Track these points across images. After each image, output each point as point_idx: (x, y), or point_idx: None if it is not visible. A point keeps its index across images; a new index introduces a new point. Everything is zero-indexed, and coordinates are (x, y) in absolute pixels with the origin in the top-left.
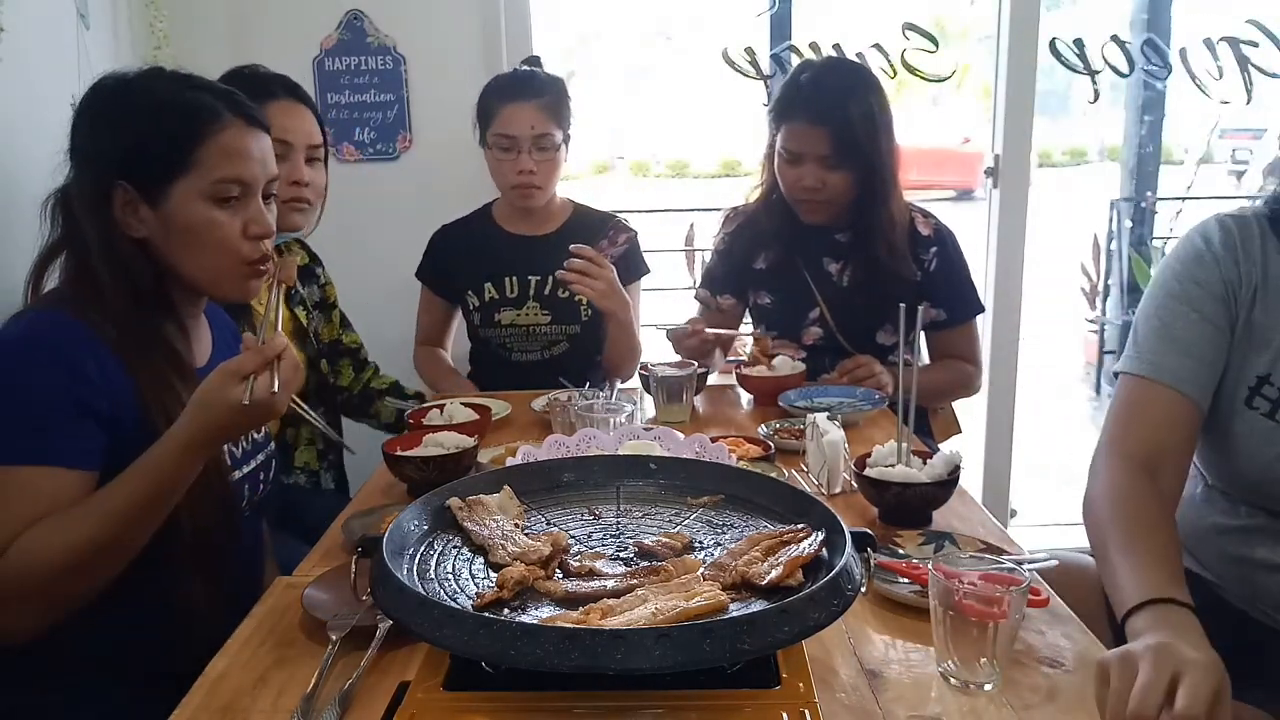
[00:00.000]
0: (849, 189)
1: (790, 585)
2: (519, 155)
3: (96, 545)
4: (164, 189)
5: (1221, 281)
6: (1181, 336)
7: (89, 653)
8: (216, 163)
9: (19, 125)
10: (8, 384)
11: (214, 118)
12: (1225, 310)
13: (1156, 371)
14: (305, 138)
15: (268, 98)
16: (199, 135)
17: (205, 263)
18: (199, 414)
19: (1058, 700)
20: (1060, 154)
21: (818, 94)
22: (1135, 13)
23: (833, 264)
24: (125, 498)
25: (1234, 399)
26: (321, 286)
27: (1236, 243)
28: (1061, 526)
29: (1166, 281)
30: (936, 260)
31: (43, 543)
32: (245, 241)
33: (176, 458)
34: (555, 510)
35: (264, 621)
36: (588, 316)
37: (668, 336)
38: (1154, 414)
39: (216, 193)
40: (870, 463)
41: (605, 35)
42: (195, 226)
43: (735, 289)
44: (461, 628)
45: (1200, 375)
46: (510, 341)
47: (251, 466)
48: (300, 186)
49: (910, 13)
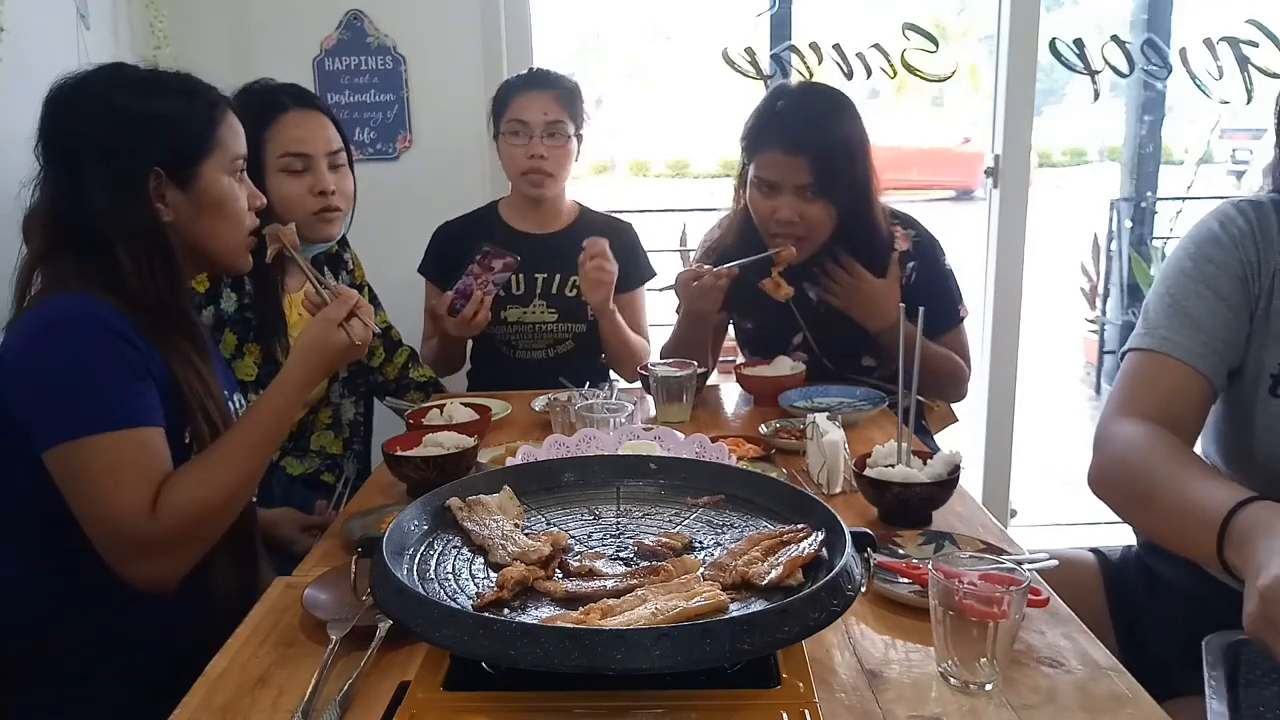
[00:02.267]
0: (827, 220)
1: (790, 585)
2: (530, 140)
3: (234, 486)
4: (195, 169)
5: (1240, 263)
6: (1194, 313)
7: (89, 652)
8: (230, 141)
9: (19, 125)
10: (76, 358)
11: (221, 101)
12: (1243, 291)
13: (1167, 346)
14: (324, 145)
15: (279, 110)
16: (218, 118)
17: (226, 233)
18: (311, 357)
19: (1058, 700)
20: (1060, 154)
21: (794, 121)
22: (1135, 13)
23: (812, 289)
24: (251, 440)
25: (1256, 390)
26: (350, 271)
27: (1255, 228)
28: (1061, 526)
29: (1180, 260)
30: (915, 274)
31: (188, 493)
32: (248, 214)
33: (292, 398)
34: (555, 510)
35: (264, 621)
36: (594, 316)
37: (675, 285)
38: (1164, 386)
39: (234, 168)
40: (870, 463)
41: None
42: (224, 200)
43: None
44: (461, 628)
45: (1213, 351)
46: (515, 339)
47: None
48: (327, 196)
49: (910, 13)
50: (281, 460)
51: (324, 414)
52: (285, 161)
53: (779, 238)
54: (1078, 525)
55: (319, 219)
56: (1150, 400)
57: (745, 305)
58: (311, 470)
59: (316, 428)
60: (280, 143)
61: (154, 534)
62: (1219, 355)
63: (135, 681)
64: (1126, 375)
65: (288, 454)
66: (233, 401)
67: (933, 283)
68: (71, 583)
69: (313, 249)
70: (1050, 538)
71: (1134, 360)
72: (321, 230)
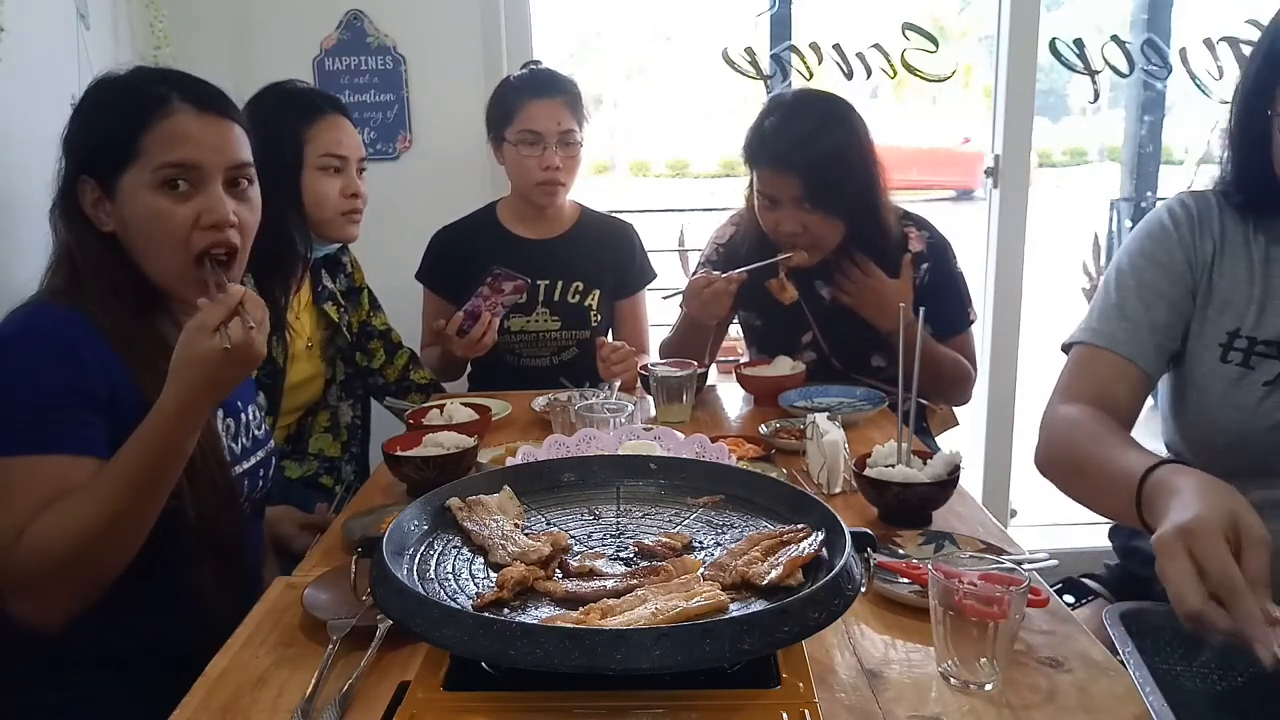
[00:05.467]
0: (831, 228)
1: (790, 585)
2: (545, 151)
3: (103, 523)
4: (116, 180)
5: (1184, 259)
6: (1125, 306)
7: (90, 651)
8: (160, 149)
9: (19, 125)
10: (4, 378)
11: (159, 104)
12: (1182, 278)
13: (1098, 339)
14: (356, 150)
15: (319, 112)
16: (143, 122)
17: (157, 255)
18: (181, 375)
19: (1058, 700)
20: (1060, 154)
21: (781, 138)
22: (1135, 13)
23: (824, 287)
24: (123, 472)
25: (1206, 361)
26: (349, 274)
27: (1195, 217)
28: (1061, 526)
29: (1119, 258)
30: (928, 276)
31: (53, 528)
32: (198, 232)
33: (170, 424)
34: (555, 510)
35: (264, 621)
36: (597, 321)
37: (683, 293)
38: (1098, 374)
39: (162, 180)
40: (870, 463)
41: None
42: (144, 217)
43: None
44: (461, 628)
45: (1142, 340)
46: (519, 348)
47: (251, 463)
48: (356, 199)
49: (910, 13)
50: (280, 463)
51: (322, 416)
52: (325, 160)
53: (787, 245)
54: (1078, 525)
55: (346, 219)
56: (1086, 387)
57: (755, 303)
58: (310, 473)
59: (314, 430)
60: (322, 142)
61: (12, 568)
62: (1150, 342)
63: (135, 682)
64: (1067, 366)
65: (286, 457)
66: (245, 413)
67: (945, 285)
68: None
69: (324, 249)
70: (1050, 538)
71: (1073, 353)
72: (346, 230)
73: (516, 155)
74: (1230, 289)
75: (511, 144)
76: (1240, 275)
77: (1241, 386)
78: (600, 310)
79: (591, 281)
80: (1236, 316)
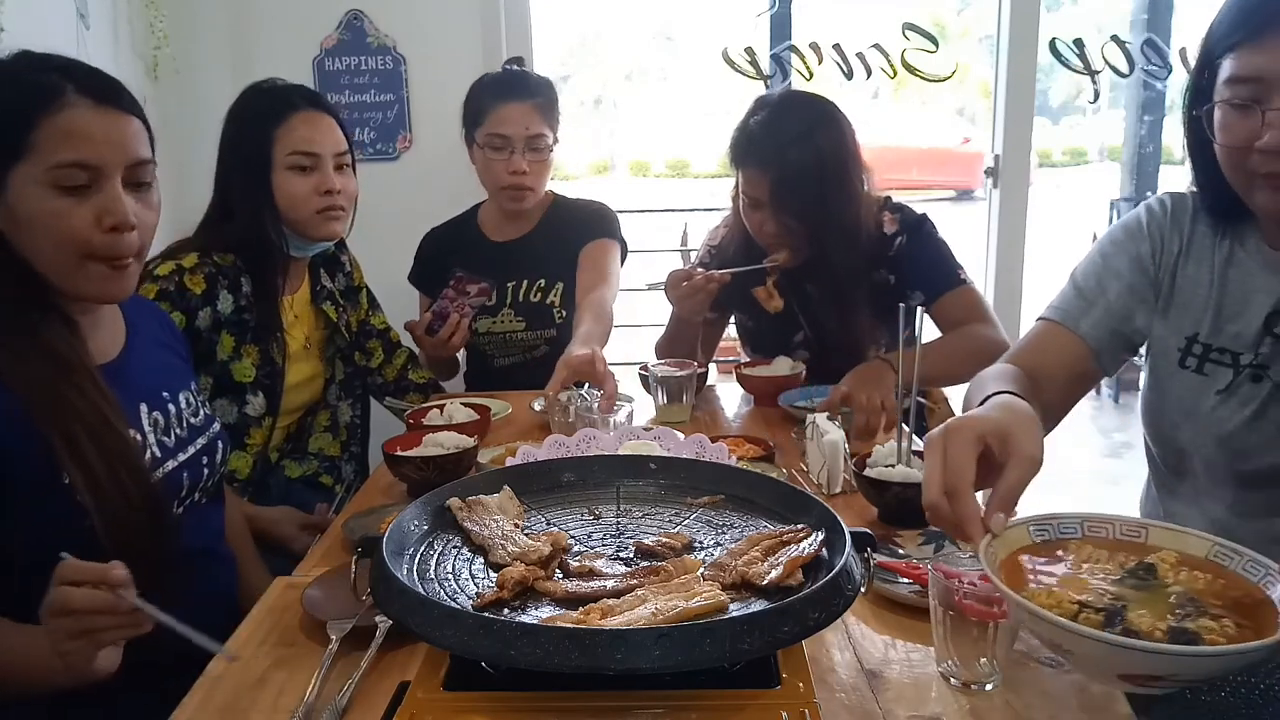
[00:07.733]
0: (807, 229)
1: (790, 585)
2: (512, 156)
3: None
4: (4, 176)
5: (1149, 251)
6: (1084, 288)
7: None
8: (55, 146)
9: None
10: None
11: (53, 97)
12: (1143, 270)
13: (1055, 314)
14: (332, 146)
15: (290, 109)
16: (34, 117)
17: (52, 257)
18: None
19: (1058, 700)
20: (1060, 154)
21: (762, 139)
22: (1135, 13)
23: (813, 286)
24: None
25: (1166, 365)
26: (348, 274)
27: (1169, 215)
28: None
29: (1099, 246)
30: (903, 246)
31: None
32: (98, 233)
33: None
34: (555, 510)
35: (264, 621)
36: (561, 319)
37: (666, 282)
38: (1043, 343)
39: (57, 179)
40: (870, 463)
41: (605, 35)
42: (35, 217)
43: (716, 305)
44: (461, 628)
45: (1094, 318)
46: (490, 349)
47: (188, 454)
48: (333, 195)
49: (910, 13)
50: (280, 462)
51: (322, 416)
52: (294, 159)
53: (771, 246)
54: None
55: (323, 217)
56: (1025, 352)
57: (746, 303)
58: (310, 472)
59: (314, 430)
60: (290, 141)
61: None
62: (1102, 321)
63: (135, 681)
64: (1022, 337)
65: (286, 456)
66: (175, 403)
67: (923, 251)
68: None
69: (313, 248)
70: None
71: (1031, 327)
72: (325, 228)
73: (484, 158)
74: (1190, 292)
75: (480, 146)
76: (1201, 279)
77: (1197, 393)
78: (564, 306)
79: (553, 276)
80: (1195, 321)
